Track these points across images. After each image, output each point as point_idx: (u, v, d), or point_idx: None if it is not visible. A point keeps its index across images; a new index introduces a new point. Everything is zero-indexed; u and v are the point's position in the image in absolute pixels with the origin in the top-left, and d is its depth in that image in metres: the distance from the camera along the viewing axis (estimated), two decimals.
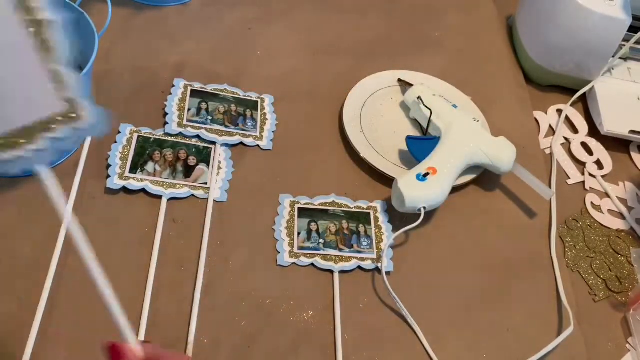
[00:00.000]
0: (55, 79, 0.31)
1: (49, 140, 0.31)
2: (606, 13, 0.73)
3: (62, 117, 0.31)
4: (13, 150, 0.31)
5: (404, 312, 0.57)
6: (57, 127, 0.31)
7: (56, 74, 0.31)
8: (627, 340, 0.60)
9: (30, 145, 0.31)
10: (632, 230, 0.69)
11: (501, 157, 0.65)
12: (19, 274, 0.54)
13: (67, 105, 0.31)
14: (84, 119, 0.32)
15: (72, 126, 0.31)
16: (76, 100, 0.31)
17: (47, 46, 0.30)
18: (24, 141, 0.31)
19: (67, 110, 0.31)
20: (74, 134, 0.32)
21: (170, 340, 0.52)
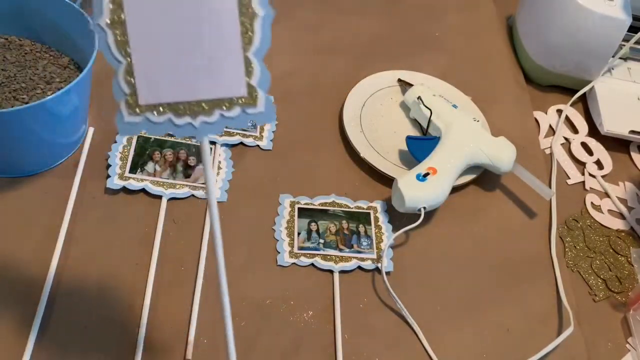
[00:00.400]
0: (247, 67, 0.34)
1: (221, 116, 0.34)
2: (606, 13, 0.73)
3: (240, 100, 0.34)
4: (188, 118, 0.34)
5: (404, 312, 0.57)
6: (232, 107, 0.34)
7: (249, 62, 0.34)
8: (627, 340, 0.60)
9: (204, 117, 0.34)
10: (632, 230, 0.69)
11: (501, 157, 0.65)
12: (19, 273, 0.54)
13: (249, 91, 0.34)
14: (257, 107, 0.35)
15: (245, 109, 0.35)
16: (257, 89, 0.34)
17: (250, 36, 0.33)
18: (201, 112, 0.34)
19: (247, 96, 0.34)
20: (244, 116, 0.35)
21: (170, 340, 0.52)
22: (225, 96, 0.35)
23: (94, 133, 0.65)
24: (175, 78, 0.34)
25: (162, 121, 0.34)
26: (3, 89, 0.58)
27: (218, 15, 0.33)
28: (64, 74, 0.61)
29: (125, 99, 0.34)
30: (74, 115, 0.59)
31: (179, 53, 0.33)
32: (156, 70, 0.33)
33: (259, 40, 0.34)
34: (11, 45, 0.63)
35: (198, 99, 0.34)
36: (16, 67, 0.60)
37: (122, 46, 0.33)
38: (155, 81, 0.33)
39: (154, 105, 0.34)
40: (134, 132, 0.35)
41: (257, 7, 0.33)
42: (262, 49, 0.34)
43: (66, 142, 0.62)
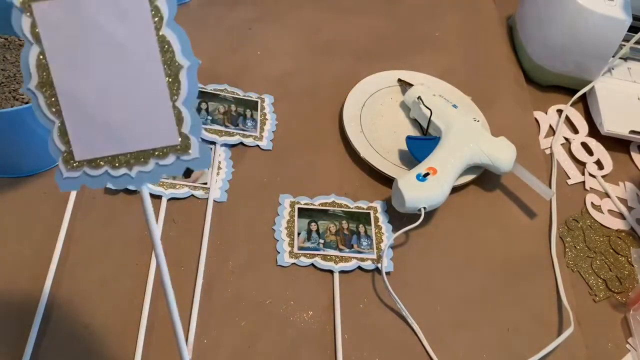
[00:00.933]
0: (177, 116, 0.35)
1: (156, 165, 0.36)
2: (606, 13, 0.73)
3: (174, 148, 0.36)
4: (124, 169, 0.35)
5: (404, 312, 0.57)
6: (166, 156, 0.36)
7: (178, 111, 0.35)
8: (627, 340, 0.60)
9: (140, 167, 0.36)
10: (632, 230, 0.69)
11: (501, 157, 0.65)
12: (19, 273, 0.54)
13: (181, 139, 0.36)
14: (191, 153, 0.36)
15: (179, 157, 0.36)
16: (189, 136, 0.36)
17: (177, 87, 0.35)
18: (136, 162, 0.35)
19: (180, 144, 0.36)
20: (179, 163, 0.36)
21: (171, 340, 0.52)
22: (159, 146, 0.35)
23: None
24: (107, 132, 0.35)
25: (99, 174, 0.35)
26: (3, 89, 0.58)
27: (143, 70, 0.34)
28: None
29: (62, 156, 0.35)
30: None
31: (109, 108, 0.34)
32: (88, 126, 0.34)
33: (186, 90, 0.35)
34: (11, 45, 0.63)
35: (132, 151, 0.35)
36: (16, 67, 0.60)
37: (53, 106, 0.34)
38: (89, 137, 0.35)
39: (89, 160, 0.35)
40: (74, 187, 0.35)
41: (181, 59, 0.34)
42: (190, 97, 0.35)
43: None
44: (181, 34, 0.34)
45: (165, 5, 0.34)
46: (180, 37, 0.34)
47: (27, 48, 0.33)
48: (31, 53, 0.33)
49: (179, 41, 0.34)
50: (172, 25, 0.34)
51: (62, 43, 0.33)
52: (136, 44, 0.34)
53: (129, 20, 0.33)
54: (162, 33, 0.34)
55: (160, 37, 0.34)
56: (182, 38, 0.34)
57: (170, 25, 0.34)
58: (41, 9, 0.32)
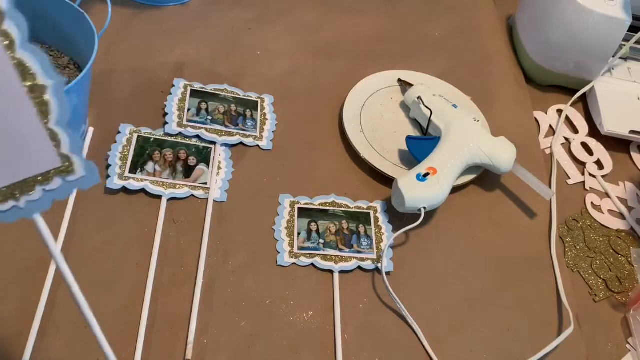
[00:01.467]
0: (53, 138, 0.34)
1: (43, 191, 0.35)
2: (606, 13, 0.73)
3: (57, 171, 0.35)
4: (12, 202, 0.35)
5: (404, 312, 0.57)
6: (51, 180, 0.35)
7: (54, 133, 0.34)
8: (627, 340, 0.60)
9: (26, 197, 0.35)
10: (632, 230, 0.69)
11: (501, 157, 0.65)
12: (19, 274, 0.54)
13: (62, 160, 0.35)
14: (76, 173, 0.35)
15: (65, 178, 0.35)
16: (70, 156, 0.35)
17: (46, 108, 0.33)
18: (21, 193, 0.35)
19: (62, 165, 0.35)
20: (66, 185, 0.35)
21: (171, 340, 0.52)
22: (41, 171, 0.35)
23: (93, 133, 0.65)
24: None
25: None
26: None
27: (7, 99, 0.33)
28: (64, 74, 0.61)
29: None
30: (73, 115, 0.59)
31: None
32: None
33: (57, 110, 0.34)
34: None
35: (14, 182, 0.34)
36: None
37: None
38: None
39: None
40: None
41: (44, 79, 0.33)
42: (62, 116, 0.34)
43: None
44: (38, 54, 0.32)
45: (15, 28, 0.32)
46: (38, 57, 0.33)
47: None
48: None
49: (37, 61, 0.33)
50: (26, 47, 0.32)
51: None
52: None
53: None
54: (16, 57, 0.32)
55: (16, 62, 0.32)
56: (41, 58, 0.33)
57: (24, 47, 0.32)
58: None
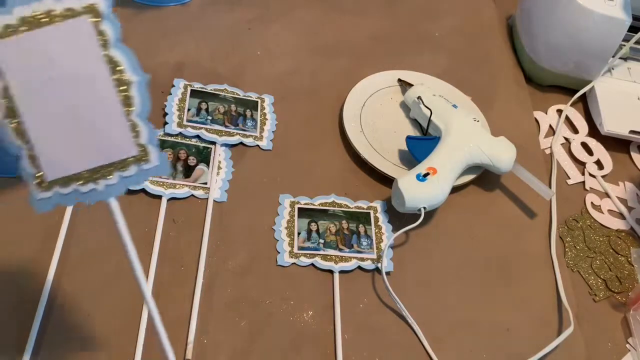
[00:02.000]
0: (133, 129, 0.38)
1: (120, 177, 0.38)
2: (606, 13, 0.73)
3: (134, 159, 0.38)
4: (92, 184, 0.38)
5: (404, 312, 0.57)
6: (128, 167, 0.38)
7: (134, 124, 0.38)
8: (627, 340, 0.60)
9: (105, 181, 0.38)
10: (632, 230, 0.69)
11: (501, 157, 0.65)
12: (19, 273, 0.54)
13: (139, 149, 0.38)
14: (151, 162, 0.39)
15: (140, 166, 0.39)
16: (146, 146, 0.38)
17: (130, 102, 0.37)
18: (101, 177, 0.38)
19: (139, 154, 0.38)
20: (141, 172, 0.39)
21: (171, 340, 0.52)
22: (120, 158, 0.38)
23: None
24: (73, 152, 0.37)
25: (69, 192, 0.38)
26: None
27: (97, 91, 0.37)
28: None
29: (33, 179, 0.37)
30: None
31: (72, 129, 0.37)
32: (55, 148, 0.37)
33: (139, 104, 0.38)
34: None
35: (96, 166, 0.38)
36: None
37: (20, 133, 0.36)
38: (57, 158, 0.37)
39: (59, 179, 0.37)
40: (47, 208, 0.38)
41: (130, 75, 0.37)
42: (144, 110, 0.38)
43: None
44: (127, 53, 0.37)
45: (110, 28, 0.36)
46: (126, 56, 0.37)
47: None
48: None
49: (126, 59, 0.37)
50: (118, 46, 0.37)
51: (22, 75, 0.36)
52: (87, 68, 0.36)
53: (78, 47, 0.36)
54: (109, 54, 0.37)
55: (109, 58, 0.37)
56: (128, 56, 0.37)
57: (116, 46, 0.37)
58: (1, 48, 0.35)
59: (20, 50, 0.35)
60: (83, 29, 0.36)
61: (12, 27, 0.35)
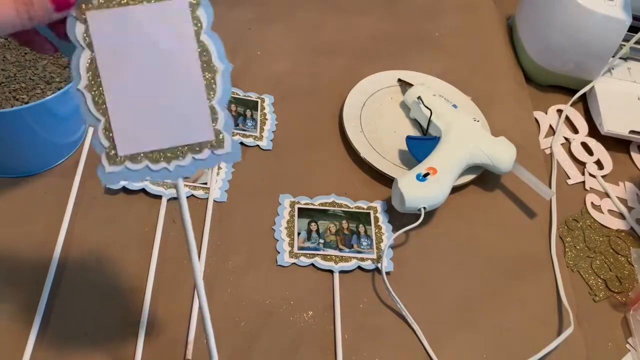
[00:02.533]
0: (212, 114, 0.39)
1: (192, 159, 0.39)
2: (606, 13, 0.73)
3: (209, 143, 0.39)
4: (164, 163, 0.38)
5: (404, 312, 0.57)
6: (202, 150, 0.39)
7: (214, 110, 0.39)
8: (627, 340, 0.60)
9: (177, 161, 0.39)
10: (632, 230, 0.69)
11: (501, 157, 0.65)
12: (19, 273, 0.54)
13: (215, 135, 0.39)
14: (225, 148, 0.39)
15: (213, 151, 0.39)
16: (222, 132, 0.39)
17: (213, 88, 0.38)
18: (174, 157, 0.38)
19: (215, 139, 0.39)
20: (213, 157, 0.39)
21: (171, 340, 0.52)
22: (196, 141, 0.39)
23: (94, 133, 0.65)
24: (149, 129, 0.38)
25: (140, 168, 0.38)
26: (3, 89, 0.58)
27: (184, 73, 0.38)
28: (63, 74, 0.61)
29: (105, 152, 0.37)
30: (73, 115, 0.59)
31: (152, 107, 0.38)
32: (132, 124, 0.37)
33: (221, 91, 0.39)
34: (11, 45, 0.63)
35: (171, 146, 0.38)
36: (16, 67, 0.60)
37: (99, 106, 0.37)
38: (132, 134, 0.38)
39: (132, 155, 0.38)
40: (115, 182, 0.38)
41: (217, 62, 0.38)
42: (224, 97, 0.39)
43: (66, 142, 0.62)
44: (216, 40, 0.38)
45: (205, 15, 0.38)
46: (216, 43, 0.38)
47: (78, 52, 0.36)
48: (82, 57, 0.36)
49: (215, 46, 0.38)
50: (209, 33, 0.38)
51: (110, 48, 0.36)
52: (178, 50, 0.37)
53: (172, 28, 0.37)
54: (201, 39, 0.38)
55: (200, 43, 0.38)
56: (218, 44, 0.38)
57: (208, 32, 0.38)
58: (94, 17, 0.35)
59: (114, 22, 0.36)
60: (180, 11, 0.37)
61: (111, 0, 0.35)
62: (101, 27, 0.36)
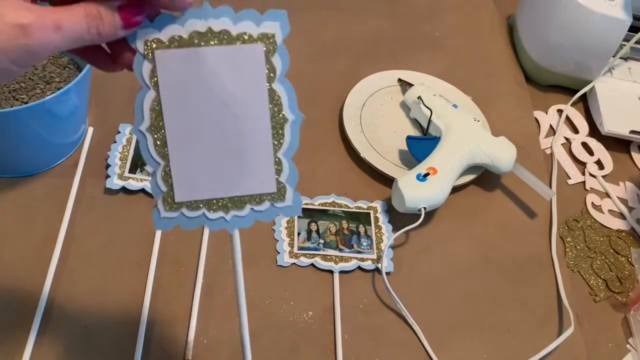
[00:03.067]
0: (277, 166, 0.37)
1: (251, 210, 0.37)
2: (606, 13, 0.73)
3: (270, 195, 0.37)
4: (221, 212, 0.37)
5: (404, 312, 0.56)
6: (262, 202, 0.37)
7: (279, 162, 0.37)
8: (627, 340, 0.60)
9: (235, 211, 0.37)
10: (632, 230, 0.69)
11: (501, 157, 0.65)
12: (19, 273, 0.54)
13: (278, 187, 0.37)
14: (285, 201, 0.38)
15: (273, 204, 0.38)
16: (285, 185, 0.38)
17: (281, 138, 0.37)
18: (233, 207, 0.37)
19: (276, 192, 0.37)
20: (272, 210, 0.38)
21: (171, 340, 0.52)
22: (256, 192, 0.37)
23: (93, 133, 0.65)
24: (209, 177, 0.36)
25: (196, 216, 0.36)
26: (2, 88, 0.58)
27: (252, 121, 0.36)
28: (63, 74, 0.61)
29: (162, 196, 0.36)
30: (73, 115, 0.59)
31: (214, 155, 0.36)
32: (192, 170, 0.36)
33: (288, 142, 0.37)
34: None
35: (231, 196, 0.37)
36: None
37: (160, 149, 0.35)
38: (191, 180, 0.36)
39: (189, 202, 0.36)
40: (169, 227, 0.36)
41: (288, 112, 0.37)
42: (291, 149, 0.37)
43: (66, 142, 0.62)
44: (289, 89, 0.36)
45: (280, 62, 0.36)
46: (288, 92, 0.36)
47: (143, 92, 0.34)
48: (147, 97, 0.34)
49: (287, 96, 0.36)
50: (283, 81, 0.36)
51: (177, 90, 0.34)
52: (248, 96, 0.35)
53: (244, 73, 0.35)
54: (273, 87, 0.36)
55: (271, 91, 0.36)
56: (290, 93, 0.37)
57: (281, 81, 0.36)
58: (163, 57, 0.33)
59: (183, 63, 0.34)
60: (255, 57, 0.35)
61: (182, 39, 0.33)
62: (169, 67, 0.34)
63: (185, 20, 0.33)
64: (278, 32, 0.36)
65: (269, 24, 0.35)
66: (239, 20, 0.34)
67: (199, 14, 0.33)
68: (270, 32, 0.35)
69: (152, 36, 0.33)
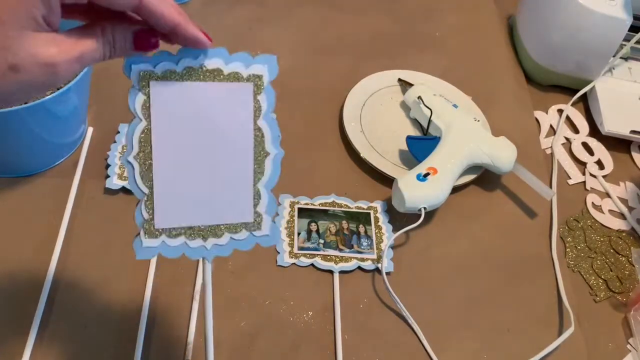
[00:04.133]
0: (255, 197, 0.39)
1: (230, 239, 0.39)
2: (607, 13, 0.72)
3: (247, 225, 0.39)
4: (200, 241, 0.38)
5: (404, 312, 0.56)
6: (240, 231, 0.39)
7: (258, 193, 0.39)
8: (627, 340, 0.60)
9: (215, 240, 0.39)
10: (632, 231, 0.69)
11: (502, 157, 0.65)
12: (19, 273, 0.54)
13: (255, 217, 0.39)
14: (263, 230, 0.39)
15: (252, 233, 0.39)
16: (262, 215, 0.39)
17: (262, 171, 0.39)
18: (211, 235, 0.38)
19: (253, 221, 0.39)
20: (251, 238, 0.39)
21: (171, 340, 0.52)
22: (235, 222, 0.39)
23: (93, 133, 0.65)
24: (191, 205, 0.38)
25: (177, 244, 0.38)
26: None
27: (235, 154, 0.38)
28: None
29: (144, 225, 0.37)
30: (73, 115, 0.59)
31: (197, 184, 0.37)
32: (174, 198, 0.37)
33: (269, 175, 0.39)
34: None
35: (210, 224, 0.38)
36: None
37: (146, 178, 0.36)
38: (172, 207, 0.37)
39: (169, 230, 0.37)
40: (150, 256, 0.37)
41: (270, 147, 0.39)
42: (271, 181, 0.39)
43: (65, 142, 0.62)
44: (273, 125, 0.38)
45: (266, 100, 0.38)
46: (272, 129, 0.38)
47: (135, 123, 0.35)
48: (138, 128, 0.35)
49: (270, 131, 0.38)
50: (268, 117, 0.38)
51: (168, 120, 0.36)
52: (234, 130, 0.37)
53: (232, 109, 0.37)
54: (258, 124, 0.38)
55: (256, 127, 0.38)
56: (274, 129, 0.38)
57: (266, 118, 0.38)
58: (157, 89, 0.35)
59: (176, 95, 0.35)
60: (243, 95, 0.37)
61: (176, 73, 0.35)
62: (162, 99, 0.35)
63: (179, 59, 0.35)
64: (266, 74, 0.37)
65: (258, 66, 0.37)
66: (231, 62, 0.37)
67: (194, 53, 0.35)
68: (258, 73, 0.37)
69: (147, 69, 0.35)
